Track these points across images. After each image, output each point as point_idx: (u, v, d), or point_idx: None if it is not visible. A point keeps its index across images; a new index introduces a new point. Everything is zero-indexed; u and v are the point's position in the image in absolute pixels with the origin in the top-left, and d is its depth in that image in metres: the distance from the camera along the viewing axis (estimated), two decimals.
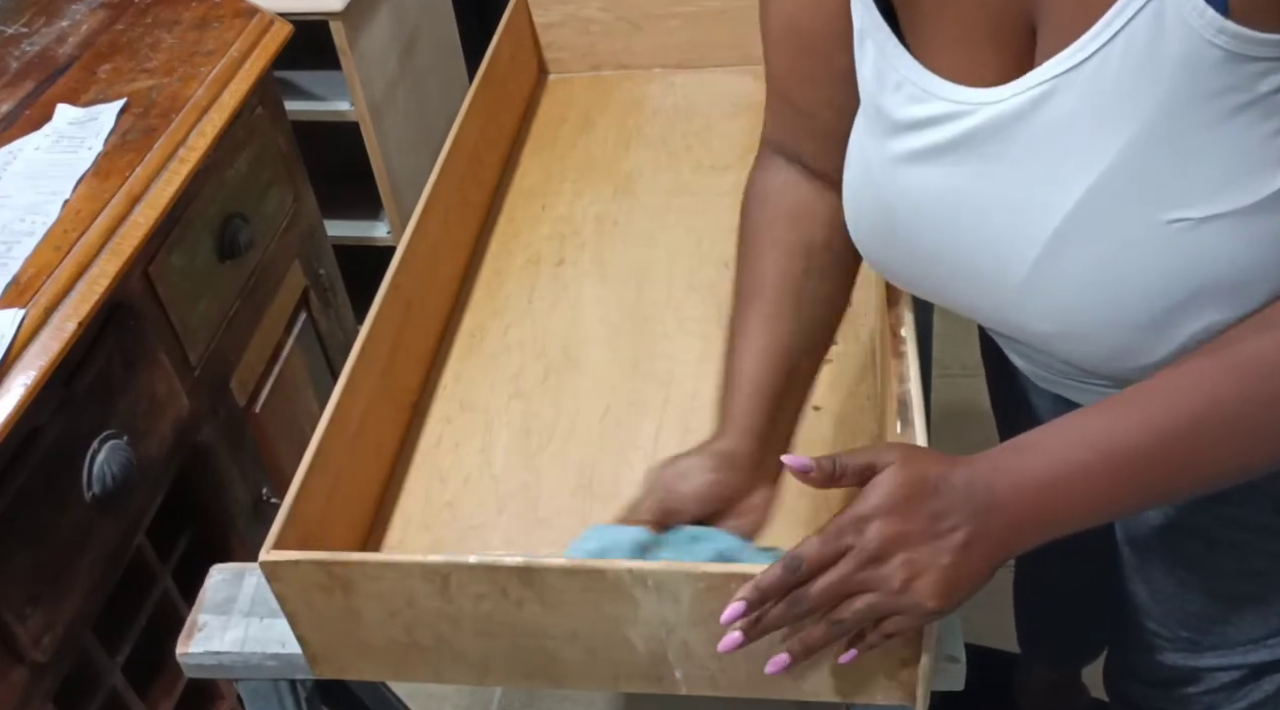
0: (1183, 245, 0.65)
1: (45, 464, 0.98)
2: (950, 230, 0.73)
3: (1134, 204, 0.65)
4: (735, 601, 0.66)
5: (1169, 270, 0.65)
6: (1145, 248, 0.65)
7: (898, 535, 0.64)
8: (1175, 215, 0.64)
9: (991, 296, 0.73)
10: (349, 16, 1.68)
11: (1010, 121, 0.67)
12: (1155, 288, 0.66)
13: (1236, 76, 0.60)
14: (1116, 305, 0.68)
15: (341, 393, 0.85)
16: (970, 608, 0.71)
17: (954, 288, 0.76)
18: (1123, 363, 0.71)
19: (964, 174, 0.70)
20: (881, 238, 0.78)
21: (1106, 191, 0.65)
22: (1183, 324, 0.67)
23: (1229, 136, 0.62)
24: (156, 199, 1.12)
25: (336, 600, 0.74)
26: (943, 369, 1.92)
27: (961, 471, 0.66)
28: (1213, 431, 0.63)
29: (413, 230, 1.00)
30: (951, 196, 0.71)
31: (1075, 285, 0.68)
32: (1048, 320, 0.71)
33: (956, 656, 0.74)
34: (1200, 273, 0.65)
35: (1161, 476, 0.65)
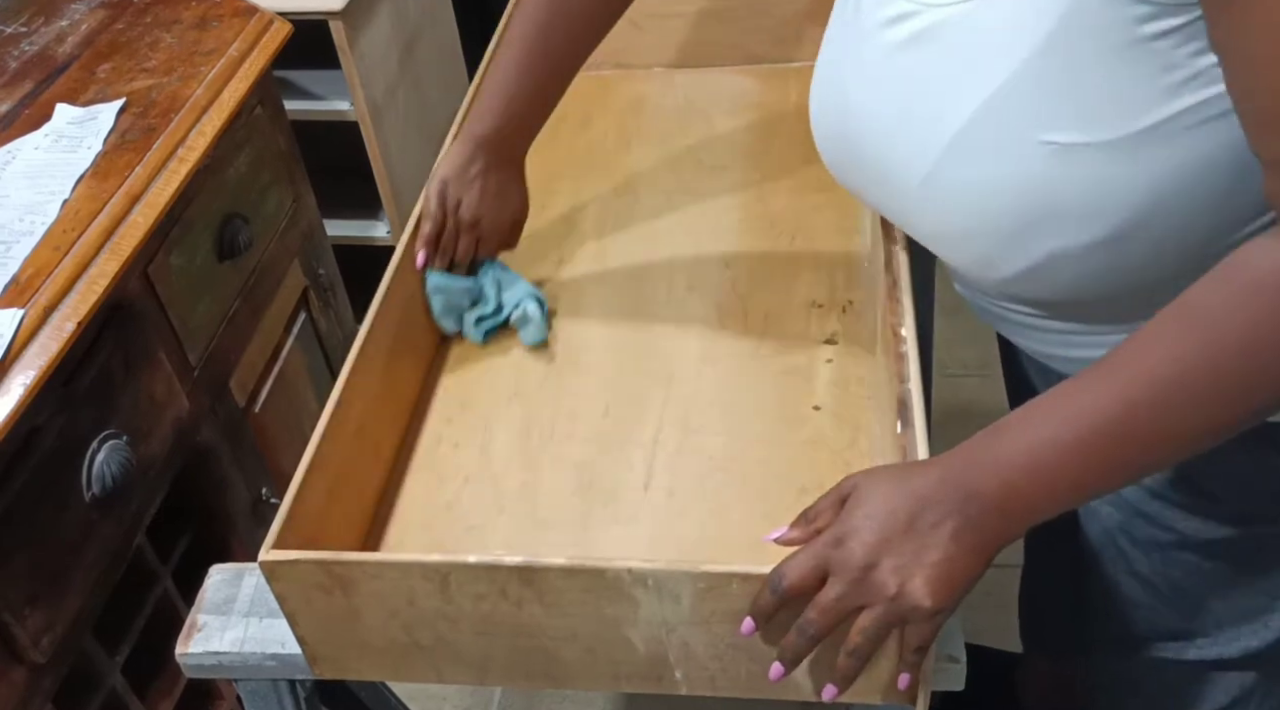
0: (1047, 167, 0.69)
1: (45, 464, 0.98)
2: (881, 129, 0.79)
3: (1015, 122, 0.70)
4: (746, 622, 0.69)
5: (1031, 188, 0.71)
6: (1017, 164, 0.70)
7: (879, 543, 0.65)
8: (1047, 138, 0.69)
9: (899, 196, 0.80)
10: (349, 16, 1.68)
11: (939, 29, 0.73)
12: (1017, 202, 0.72)
13: (1119, 15, 0.64)
14: (985, 214, 0.73)
15: (341, 393, 0.85)
16: (970, 608, 0.71)
17: (877, 188, 0.83)
18: (988, 273, 0.78)
19: (901, 75, 0.76)
20: (836, 138, 0.85)
21: (996, 107, 0.70)
22: (1037, 241, 0.72)
23: (1105, 72, 0.66)
24: (156, 199, 1.12)
25: (336, 600, 0.74)
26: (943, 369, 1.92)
27: (934, 469, 0.66)
28: (1180, 391, 0.63)
29: (413, 230, 1.00)
30: (888, 97, 0.78)
31: (959, 190, 0.74)
32: (935, 221, 0.79)
33: (956, 656, 0.74)
34: (1055, 195, 0.70)
35: (1140, 444, 0.64)
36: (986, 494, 0.64)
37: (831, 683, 0.69)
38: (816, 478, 0.89)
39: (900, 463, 0.74)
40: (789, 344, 1.02)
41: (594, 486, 0.91)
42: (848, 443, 0.92)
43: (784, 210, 1.18)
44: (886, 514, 0.65)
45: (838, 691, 0.69)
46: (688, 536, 0.87)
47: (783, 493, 0.88)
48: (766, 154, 1.27)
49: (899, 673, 0.69)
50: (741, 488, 0.90)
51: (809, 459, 0.91)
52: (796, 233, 1.15)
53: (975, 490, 0.65)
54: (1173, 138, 0.67)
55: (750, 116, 1.33)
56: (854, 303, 1.05)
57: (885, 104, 0.78)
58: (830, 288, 1.07)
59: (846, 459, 0.91)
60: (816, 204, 1.18)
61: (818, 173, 0.94)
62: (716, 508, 0.88)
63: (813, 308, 1.06)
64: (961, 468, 0.66)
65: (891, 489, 0.66)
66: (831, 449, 0.92)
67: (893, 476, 0.67)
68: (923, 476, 0.66)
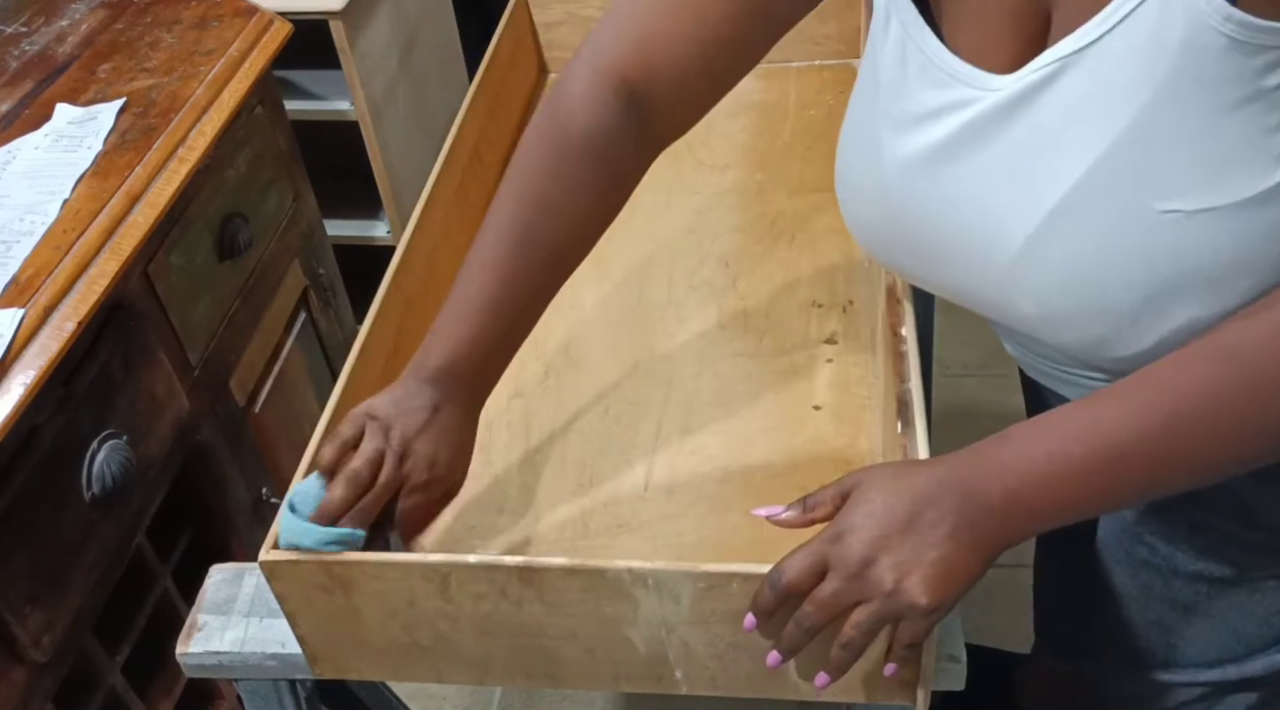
0: (1171, 235, 0.64)
1: (45, 464, 0.98)
2: (950, 212, 0.72)
3: (1128, 190, 0.64)
4: (748, 617, 0.69)
5: (1154, 260, 0.65)
6: (1134, 235, 0.65)
7: (878, 539, 0.65)
8: (1168, 205, 0.63)
9: (982, 277, 0.73)
10: (349, 16, 1.68)
11: (1018, 103, 0.67)
12: (1139, 276, 0.66)
13: (1239, 66, 0.59)
14: (1099, 291, 0.67)
15: (341, 392, 0.85)
16: (970, 607, 0.71)
17: (947, 270, 0.76)
18: (1102, 352, 0.71)
19: (969, 156, 0.70)
20: (883, 226, 0.78)
21: (1103, 175, 0.65)
22: (1163, 316, 0.67)
23: (1228, 128, 0.61)
24: (156, 198, 1.12)
25: (336, 600, 0.74)
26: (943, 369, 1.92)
27: (937, 468, 0.66)
28: (1202, 422, 0.62)
29: (413, 230, 1.00)
30: (955, 180, 0.71)
31: (1062, 267, 0.68)
32: (1033, 302, 0.71)
33: (957, 656, 0.74)
34: (1184, 265, 0.65)
35: (1150, 468, 0.64)
36: (988, 498, 0.64)
37: (824, 671, 0.69)
38: (816, 478, 0.89)
39: (902, 461, 0.74)
40: (789, 344, 1.02)
41: (594, 486, 0.91)
42: (848, 443, 0.93)
43: (784, 210, 1.18)
44: (886, 511, 0.65)
45: (829, 680, 0.69)
46: (688, 536, 0.87)
47: (783, 493, 0.88)
48: (766, 154, 1.27)
49: (886, 663, 0.69)
50: (741, 488, 0.90)
51: (809, 459, 0.91)
52: (796, 233, 1.15)
53: (977, 493, 0.64)
54: None
55: (750, 116, 1.33)
56: (854, 303, 1.05)
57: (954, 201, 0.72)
58: (830, 288, 1.07)
59: (846, 459, 0.91)
60: (816, 204, 1.18)
61: (818, 173, 0.94)
62: (716, 508, 0.88)
63: (813, 308, 1.06)
64: (965, 469, 0.66)
65: (892, 487, 0.66)
66: (831, 449, 0.92)
67: (894, 474, 0.67)
68: (924, 475, 0.66)
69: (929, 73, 0.71)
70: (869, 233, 0.81)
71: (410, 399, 0.76)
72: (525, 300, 0.80)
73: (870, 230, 0.81)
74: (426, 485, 0.76)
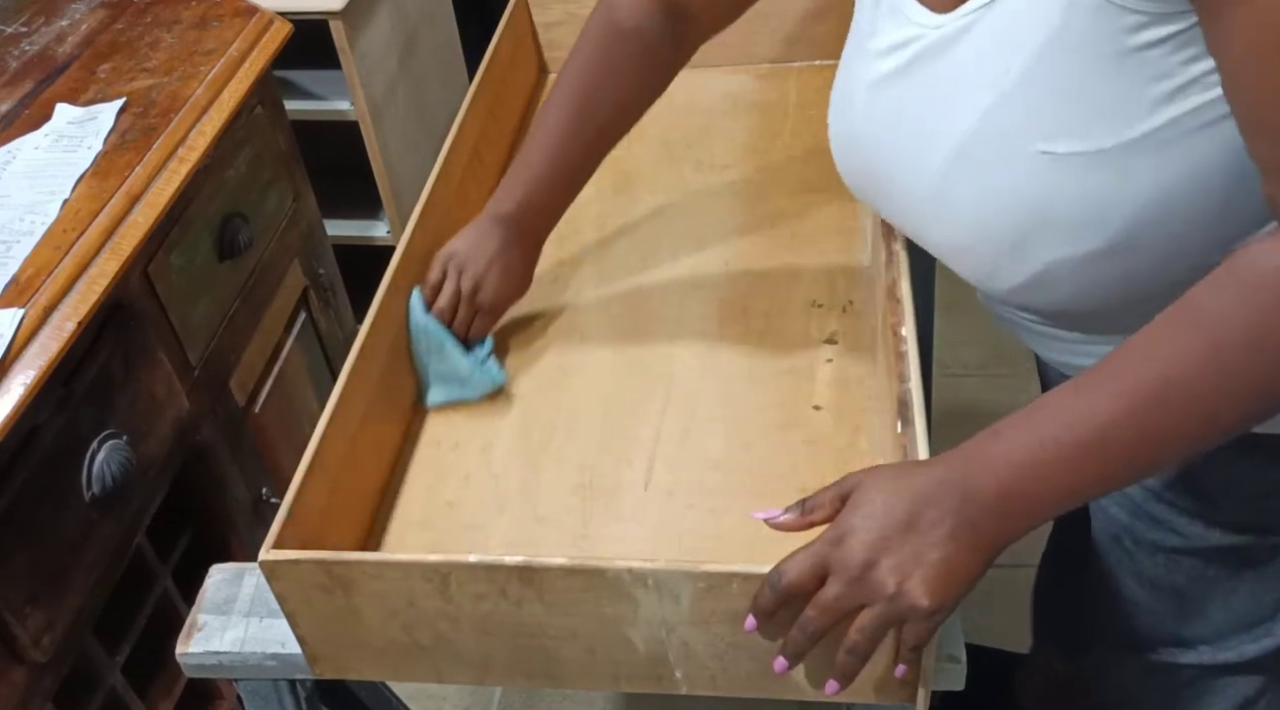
0: (1043, 176, 0.70)
1: (45, 464, 0.98)
2: (890, 146, 0.81)
3: (1014, 132, 0.71)
4: (749, 619, 0.69)
5: (1028, 197, 0.72)
6: (1015, 175, 0.72)
7: (879, 542, 0.65)
8: (1043, 147, 0.70)
9: (909, 209, 0.82)
10: (349, 16, 1.68)
11: (945, 44, 0.74)
12: (1016, 213, 0.73)
13: (1111, 25, 0.65)
14: (987, 225, 0.75)
15: (341, 392, 0.85)
16: (970, 607, 0.71)
17: (889, 202, 0.85)
18: (993, 282, 0.78)
19: (907, 95, 0.78)
20: (850, 155, 0.87)
21: (996, 118, 0.71)
22: (1033, 252, 0.74)
23: (1098, 82, 0.67)
24: (156, 198, 1.12)
25: (336, 600, 0.74)
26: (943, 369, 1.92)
27: (934, 469, 0.67)
28: (1183, 392, 0.63)
29: (413, 230, 1.00)
30: (895, 115, 0.79)
31: (963, 202, 0.75)
32: (942, 233, 0.80)
33: (957, 656, 0.74)
34: (1053, 204, 0.71)
35: (1139, 444, 0.64)
36: (984, 494, 0.65)
37: (833, 678, 0.69)
38: (816, 478, 0.89)
39: (901, 462, 0.74)
40: (789, 344, 1.02)
41: (594, 486, 0.91)
42: (848, 443, 0.92)
43: (784, 210, 1.18)
44: (886, 513, 0.65)
45: (839, 687, 0.70)
46: (688, 536, 0.87)
47: (783, 493, 0.88)
48: (766, 154, 1.27)
49: (896, 665, 0.69)
50: (741, 488, 0.90)
51: (809, 459, 0.91)
52: (796, 233, 1.15)
53: (973, 490, 0.65)
54: (1167, 146, 0.68)
55: (750, 116, 1.33)
56: (854, 303, 1.05)
57: (893, 125, 0.80)
58: (830, 288, 1.07)
59: (846, 459, 0.91)
60: (816, 204, 1.18)
61: (818, 173, 0.94)
62: (716, 508, 0.88)
63: (813, 308, 1.06)
64: (960, 468, 0.66)
65: (891, 488, 0.66)
66: (831, 449, 0.92)
67: (893, 476, 0.67)
68: (922, 476, 0.66)
69: (894, 14, 0.78)
70: (842, 159, 0.89)
71: (482, 240, 0.98)
72: (580, 160, 1.00)
73: (842, 156, 0.89)
74: (492, 309, 1.00)
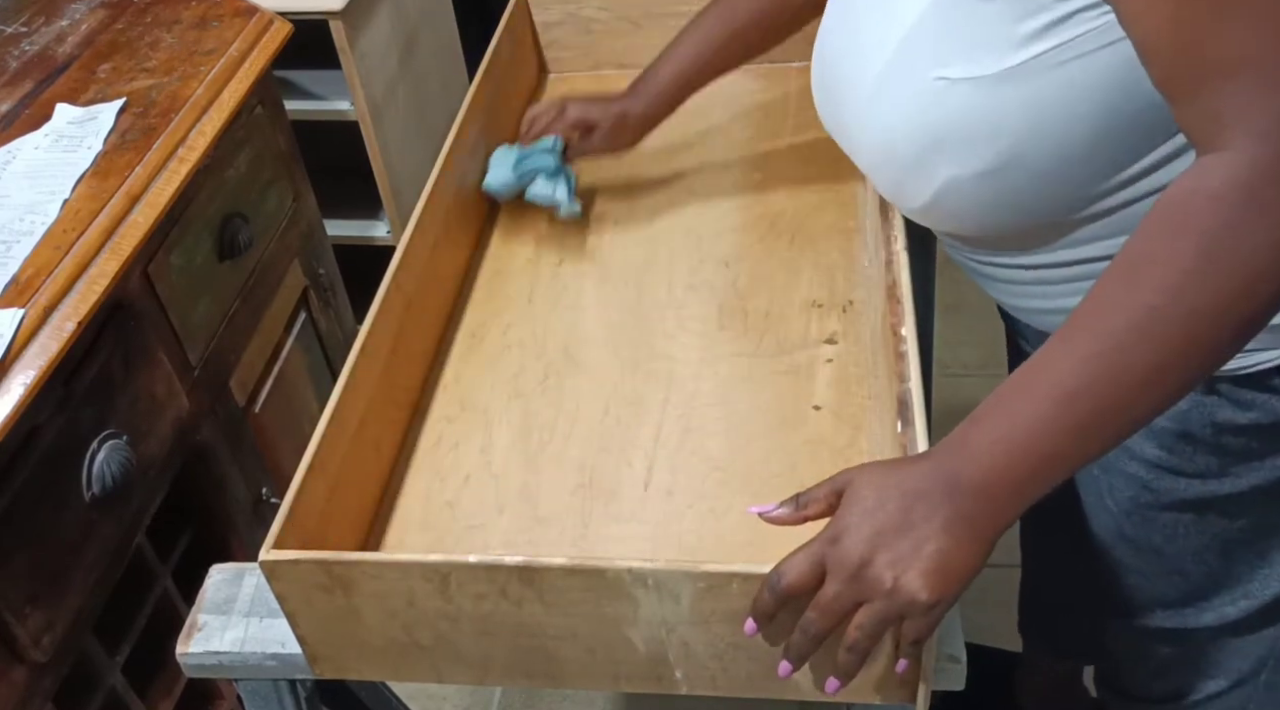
0: (939, 99, 0.77)
1: (45, 464, 0.98)
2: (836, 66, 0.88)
3: (919, 59, 0.77)
4: (748, 621, 0.69)
5: (926, 119, 0.78)
6: (917, 97, 0.78)
7: (873, 537, 0.65)
8: (940, 73, 0.76)
9: (845, 130, 0.88)
10: (349, 16, 1.68)
11: None
12: (914, 134, 0.79)
13: None
14: (895, 144, 0.81)
15: (341, 392, 0.85)
16: (970, 607, 0.71)
17: (835, 126, 0.91)
18: (901, 201, 0.87)
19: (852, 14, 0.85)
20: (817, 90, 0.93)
21: (907, 45, 0.78)
22: (932, 171, 0.80)
23: (983, 15, 0.73)
24: (156, 198, 1.12)
25: (336, 600, 0.74)
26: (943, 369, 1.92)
27: (923, 463, 0.67)
28: (1136, 338, 0.63)
29: (413, 229, 1.00)
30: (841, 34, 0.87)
31: (879, 123, 0.82)
32: (866, 152, 0.86)
33: (957, 656, 0.74)
34: (947, 126, 0.77)
35: (1108, 399, 0.64)
36: (971, 482, 0.65)
37: (834, 676, 0.69)
38: (816, 478, 0.88)
39: (894, 458, 0.74)
40: (789, 344, 1.02)
41: (594, 486, 0.91)
42: (848, 443, 0.93)
43: (784, 210, 1.18)
44: (880, 509, 0.65)
45: (840, 685, 0.70)
46: (688, 536, 0.87)
47: (783, 493, 0.87)
48: (766, 154, 1.27)
49: (897, 660, 0.69)
50: (741, 488, 0.90)
51: (809, 459, 0.91)
52: (796, 233, 1.15)
53: (960, 480, 0.65)
54: (1034, 76, 0.73)
55: (750, 116, 1.33)
56: (854, 303, 1.05)
57: (841, 51, 0.87)
58: (830, 288, 1.07)
59: (847, 458, 0.91)
60: (816, 204, 1.18)
61: (818, 173, 0.94)
62: (716, 508, 0.89)
63: (813, 308, 1.06)
64: (946, 459, 0.66)
65: (884, 484, 0.66)
66: (831, 449, 0.92)
67: (885, 471, 0.68)
68: (913, 470, 0.67)
69: None
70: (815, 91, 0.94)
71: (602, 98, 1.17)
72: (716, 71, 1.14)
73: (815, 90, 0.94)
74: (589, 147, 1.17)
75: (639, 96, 1.14)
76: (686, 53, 1.13)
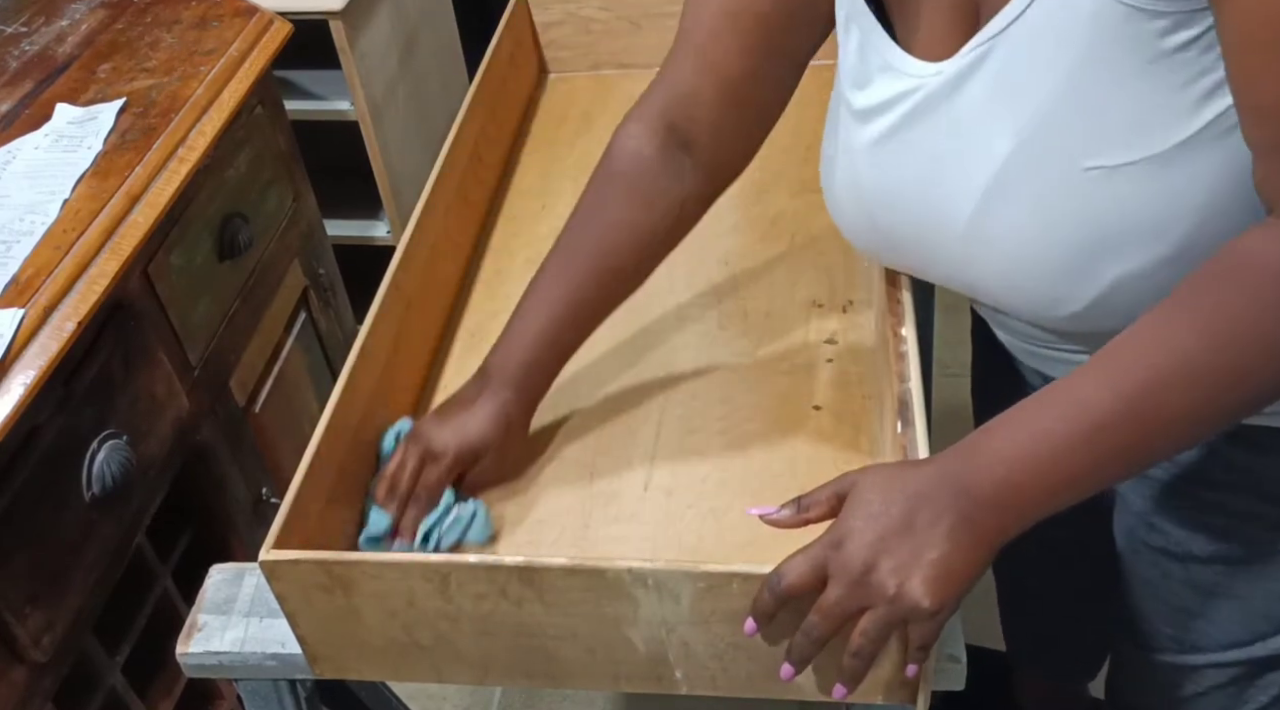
0: (1099, 192, 0.70)
1: (45, 464, 0.98)
2: (905, 192, 0.79)
3: (1056, 155, 0.70)
4: (748, 622, 0.69)
5: (1087, 216, 0.71)
6: (1066, 196, 0.70)
7: (877, 543, 0.65)
8: (1092, 163, 0.69)
9: (939, 253, 0.79)
10: (349, 16, 1.68)
11: (955, 85, 0.73)
12: (1076, 233, 0.71)
13: (1140, 31, 0.65)
14: (1043, 252, 0.73)
15: (341, 392, 0.84)
16: (970, 607, 0.71)
17: (913, 250, 0.82)
18: (1055, 310, 0.76)
19: (915, 148, 0.77)
20: (859, 218, 0.85)
21: (1031, 144, 0.70)
22: (1102, 268, 0.72)
23: (1138, 89, 0.67)
24: (156, 198, 1.12)
25: (336, 600, 0.74)
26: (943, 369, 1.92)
27: (930, 467, 0.66)
28: (1178, 382, 0.63)
29: (413, 229, 1.00)
30: (906, 162, 0.78)
31: (1007, 234, 0.74)
32: (986, 271, 0.77)
33: (958, 657, 0.74)
34: (1112, 219, 0.70)
35: (1132, 434, 0.64)
36: (981, 490, 0.64)
37: (840, 682, 0.69)
38: (816, 478, 0.88)
39: (898, 461, 0.74)
40: (789, 344, 1.02)
41: (594, 486, 0.91)
42: (848, 443, 0.92)
43: (784, 210, 1.18)
44: (883, 514, 0.65)
45: (847, 691, 0.69)
46: (688, 536, 0.87)
47: (783, 493, 0.88)
48: (766, 154, 1.27)
49: (905, 664, 0.69)
50: (741, 488, 0.90)
51: (809, 459, 0.91)
52: (796, 233, 1.15)
53: (969, 487, 0.65)
54: (1214, 143, 0.68)
55: None
56: (854, 303, 1.05)
57: (905, 179, 0.78)
58: (830, 288, 1.07)
59: (846, 459, 0.91)
60: (816, 204, 1.17)
61: (817, 173, 0.94)
62: (716, 508, 0.88)
63: (813, 308, 1.06)
64: (956, 465, 0.66)
65: (888, 488, 0.66)
66: (831, 449, 0.92)
67: (889, 475, 0.67)
68: (918, 475, 0.66)
69: (886, 70, 0.77)
70: (847, 221, 0.87)
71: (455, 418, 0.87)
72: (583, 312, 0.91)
73: (847, 219, 0.87)
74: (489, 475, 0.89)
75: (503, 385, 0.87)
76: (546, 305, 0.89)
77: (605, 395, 0.99)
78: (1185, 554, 0.91)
